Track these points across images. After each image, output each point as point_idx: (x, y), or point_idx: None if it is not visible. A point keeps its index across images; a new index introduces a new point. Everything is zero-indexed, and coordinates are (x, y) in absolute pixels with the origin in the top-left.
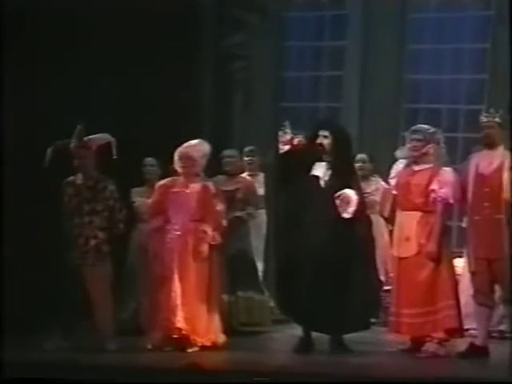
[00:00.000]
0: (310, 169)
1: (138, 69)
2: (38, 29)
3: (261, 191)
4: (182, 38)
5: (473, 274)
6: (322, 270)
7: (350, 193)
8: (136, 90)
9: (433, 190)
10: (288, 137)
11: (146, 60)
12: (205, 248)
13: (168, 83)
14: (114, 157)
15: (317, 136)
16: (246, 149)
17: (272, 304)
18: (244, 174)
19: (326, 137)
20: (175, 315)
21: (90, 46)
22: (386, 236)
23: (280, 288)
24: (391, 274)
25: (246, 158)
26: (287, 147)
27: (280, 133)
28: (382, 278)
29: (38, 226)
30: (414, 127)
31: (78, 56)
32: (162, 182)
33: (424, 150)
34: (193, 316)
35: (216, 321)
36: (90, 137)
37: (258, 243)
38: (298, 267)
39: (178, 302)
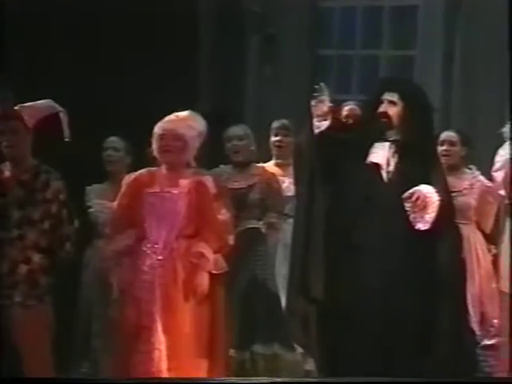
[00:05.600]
0: (365, 154)
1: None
2: None
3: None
4: None
5: None
6: (385, 313)
7: (427, 191)
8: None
9: None
10: (325, 107)
11: None
12: (203, 280)
13: (141, 19)
14: (66, 139)
15: (379, 102)
16: (275, 124)
17: (307, 366)
18: (270, 163)
19: (392, 103)
20: None
21: None
22: (485, 261)
23: (322, 342)
24: (495, 321)
25: (274, 138)
26: (326, 123)
27: (313, 101)
28: (477, 326)
29: None
30: None
31: None
32: (134, 175)
33: None
34: None
35: None
36: (26, 104)
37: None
38: (347, 309)
39: (164, 365)
